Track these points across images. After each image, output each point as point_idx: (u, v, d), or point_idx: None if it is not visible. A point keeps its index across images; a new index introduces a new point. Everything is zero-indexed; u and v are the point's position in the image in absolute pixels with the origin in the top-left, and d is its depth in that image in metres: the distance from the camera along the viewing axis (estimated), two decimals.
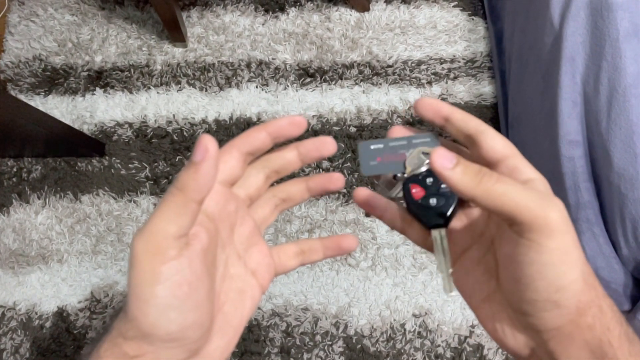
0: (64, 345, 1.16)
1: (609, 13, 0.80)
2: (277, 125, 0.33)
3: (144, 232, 0.27)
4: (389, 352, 1.11)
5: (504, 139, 0.31)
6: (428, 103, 0.33)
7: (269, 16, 1.39)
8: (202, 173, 0.28)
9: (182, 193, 0.27)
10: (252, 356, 1.12)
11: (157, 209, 0.28)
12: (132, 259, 0.27)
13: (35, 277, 1.21)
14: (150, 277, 0.27)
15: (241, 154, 0.33)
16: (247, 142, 0.33)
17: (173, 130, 1.30)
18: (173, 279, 0.27)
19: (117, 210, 1.25)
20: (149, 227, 0.27)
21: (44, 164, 1.29)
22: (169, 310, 0.27)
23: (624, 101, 0.76)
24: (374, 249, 1.18)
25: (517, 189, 0.27)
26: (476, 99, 1.28)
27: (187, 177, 0.28)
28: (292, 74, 1.33)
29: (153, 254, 0.27)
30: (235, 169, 0.33)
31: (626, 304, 0.79)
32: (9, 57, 1.40)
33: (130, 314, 0.27)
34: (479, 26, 1.35)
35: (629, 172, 0.75)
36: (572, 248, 0.27)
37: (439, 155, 0.29)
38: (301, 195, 0.37)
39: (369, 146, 0.34)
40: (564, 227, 0.27)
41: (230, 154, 0.33)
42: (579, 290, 0.28)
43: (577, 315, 0.28)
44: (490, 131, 0.31)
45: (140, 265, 0.27)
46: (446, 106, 0.33)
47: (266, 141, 0.33)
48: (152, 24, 1.40)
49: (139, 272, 0.27)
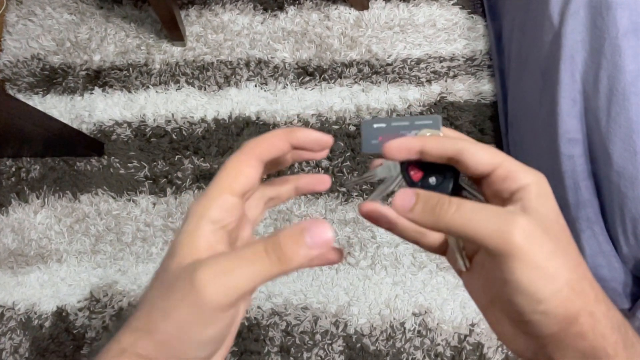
0: (63, 345, 1.16)
1: (608, 11, 0.80)
2: (302, 140, 0.32)
3: (220, 283, 0.26)
4: (389, 351, 1.11)
5: (487, 149, 0.30)
6: (396, 146, 0.31)
7: (267, 15, 1.39)
8: (310, 259, 0.27)
9: (282, 266, 0.27)
10: (251, 355, 1.12)
11: (246, 265, 0.26)
12: (192, 298, 0.26)
13: (34, 276, 1.21)
14: (203, 320, 0.26)
15: (261, 163, 0.32)
16: (269, 151, 0.31)
17: (172, 129, 1.30)
18: (223, 323, 0.28)
19: (116, 210, 1.25)
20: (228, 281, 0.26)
21: (42, 163, 1.29)
22: (207, 345, 0.28)
23: (624, 99, 0.76)
24: (374, 247, 1.18)
25: (476, 216, 0.27)
26: (476, 97, 1.28)
27: (294, 255, 0.27)
28: (291, 72, 1.33)
29: (220, 304, 0.26)
30: (256, 181, 0.31)
31: (626, 302, 0.79)
32: (7, 56, 1.40)
33: (161, 338, 0.26)
34: (479, 24, 1.35)
35: (628, 170, 0.75)
36: (546, 262, 0.27)
37: (398, 198, 0.30)
38: (289, 194, 0.37)
39: (372, 125, 0.35)
40: (530, 247, 0.27)
41: (252, 166, 0.31)
42: (565, 299, 0.27)
43: (567, 324, 0.27)
44: (470, 147, 0.30)
45: (197, 308, 0.26)
46: (415, 141, 0.31)
47: (286, 150, 0.32)
48: (150, 22, 1.40)
49: (193, 313, 0.26)
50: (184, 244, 0.28)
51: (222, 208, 0.29)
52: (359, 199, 1.21)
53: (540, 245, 0.27)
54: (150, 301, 0.28)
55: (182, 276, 0.27)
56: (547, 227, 0.28)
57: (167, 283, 0.27)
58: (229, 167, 0.30)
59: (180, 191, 1.25)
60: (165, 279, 0.28)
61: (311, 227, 0.26)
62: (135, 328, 0.27)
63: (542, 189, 0.29)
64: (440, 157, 0.31)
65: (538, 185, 0.29)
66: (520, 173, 0.29)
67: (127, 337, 0.27)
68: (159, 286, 0.28)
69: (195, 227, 0.29)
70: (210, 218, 0.29)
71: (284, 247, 0.26)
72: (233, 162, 0.31)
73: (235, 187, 0.30)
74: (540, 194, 0.29)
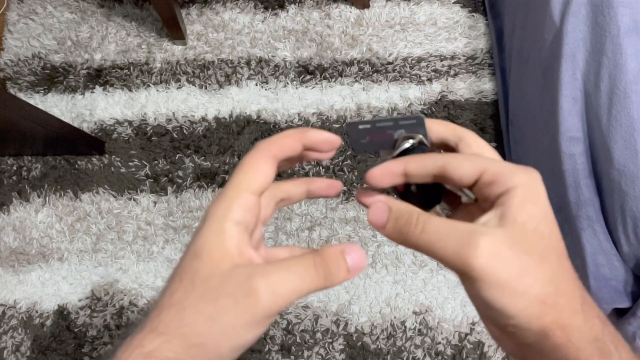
0: (65, 344, 1.16)
1: (609, 9, 0.79)
2: (314, 140, 0.32)
3: (278, 293, 0.27)
4: (390, 350, 1.11)
5: (469, 159, 0.30)
6: (377, 174, 0.31)
7: (268, 13, 1.39)
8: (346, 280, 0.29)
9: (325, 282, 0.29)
10: (252, 354, 1.12)
11: (300, 278, 0.28)
12: (248, 304, 0.27)
13: (35, 275, 1.21)
14: (251, 325, 0.27)
15: (277, 161, 0.32)
16: (283, 150, 0.32)
17: (173, 128, 1.30)
18: (264, 328, 0.28)
19: (117, 209, 1.25)
20: (285, 292, 0.27)
21: (43, 162, 1.29)
22: (241, 349, 0.28)
23: (625, 98, 0.76)
24: (374, 246, 1.18)
25: (439, 237, 0.28)
26: (476, 95, 1.28)
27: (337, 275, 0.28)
28: (291, 71, 1.33)
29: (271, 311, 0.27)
30: (270, 179, 0.31)
31: (627, 301, 0.79)
32: (8, 55, 1.40)
33: (198, 340, 0.27)
34: (479, 23, 1.35)
35: (629, 169, 0.75)
36: (513, 280, 0.27)
37: (372, 213, 0.31)
38: (300, 196, 0.37)
39: (357, 126, 0.35)
40: (493, 268, 0.26)
41: (268, 164, 0.31)
42: (534, 315, 0.27)
43: (542, 337, 0.27)
44: (451, 162, 0.30)
45: (250, 314, 0.27)
46: (396, 165, 0.31)
47: (298, 150, 0.33)
48: (151, 21, 1.40)
49: (244, 317, 0.27)
50: (212, 247, 0.28)
51: (243, 208, 0.29)
52: None
53: (504, 264, 0.27)
54: (180, 305, 0.28)
55: (232, 282, 0.27)
56: (518, 240, 0.27)
57: (206, 287, 0.27)
58: (246, 166, 0.30)
59: (181, 190, 1.25)
60: (201, 283, 0.28)
61: (351, 251, 0.29)
62: (161, 332, 0.27)
63: (528, 192, 0.28)
64: (425, 177, 0.31)
65: (524, 187, 0.28)
66: (506, 177, 0.28)
67: (151, 341, 0.27)
68: (192, 290, 0.28)
69: (220, 230, 0.29)
70: (234, 219, 0.29)
71: (330, 267, 0.28)
72: (250, 161, 0.31)
73: (253, 186, 0.30)
74: (524, 198, 0.28)
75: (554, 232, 0.28)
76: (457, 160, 0.30)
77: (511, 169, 0.29)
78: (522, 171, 0.29)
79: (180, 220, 1.23)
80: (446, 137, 0.33)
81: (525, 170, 0.29)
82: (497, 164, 0.29)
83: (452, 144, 0.33)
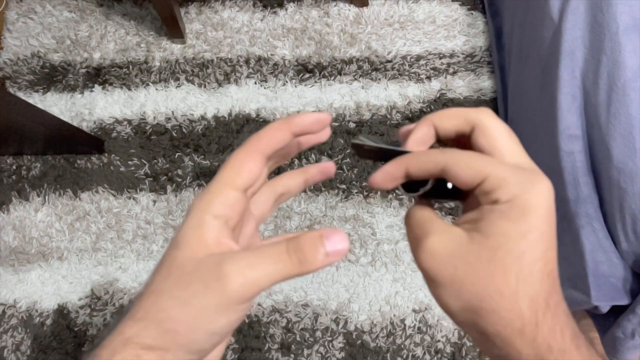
0: (65, 343, 1.16)
1: (608, 7, 0.79)
2: (301, 125, 0.32)
3: (247, 277, 0.27)
4: (389, 348, 1.11)
5: (471, 163, 0.29)
6: (380, 179, 0.32)
7: (267, 12, 1.39)
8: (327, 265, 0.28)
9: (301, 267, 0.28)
10: (252, 352, 1.13)
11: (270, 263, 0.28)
12: (217, 288, 0.27)
13: (35, 274, 1.21)
14: (221, 309, 0.27)
15: (264, 158, 0.32)
16: (270, 144, 0.31)
17: (172, 126, 1.30)
18: (238, 315, 0.28)
19: (116, 208, 1.25)
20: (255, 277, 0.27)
21: (43, 161, 1.29)
22: (215, 336, 0.28)
23: (624, 95, 0.76)
24: (374, 244, 1.18)
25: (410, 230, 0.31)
26: (475, 93, 1.28)
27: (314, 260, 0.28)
28: (290, 69, 1.33)
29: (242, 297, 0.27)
30: (258, 176, 0.31)
31: (626, 299, 0.79)
32: (7, 54, 1.40)
33: (172, 326, 0.27)
34: (478, 21, 1.35)
35: (628, 166, 0.75)
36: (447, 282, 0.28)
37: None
38: (299, 187, 0.38)
39: (362, 147, 0.35)
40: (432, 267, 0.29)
41: (254, 160, 0.31)
42: (472, 320, 0.28)
43: (483, 339, 0.29)
44: (454, 164, 0.29)
45: (220, 297, 0.27)
46: (396, 168, 0.31)
47: (288, 140, 0.32)
48: (150, 20, 1.40)
49: (214, 301, 0.27)
50: (191, 237, 0.29)
51: (224, 203, 0.29)
52: (358, 196, 1.21)
53: (443, 266, 0.28)
54: (158, 291, 0.28)
55: (204, 267, 0.27)
56: (471, 250, 0.28)
57: (180, 274, 0.28)
58: (231, 163, 0.31)
59: (180, 189, 1.25)
60: (177, 271, 0.28)
61: (330, 235, 0.28)
62: (139, 318, 0.28)
63: (513, 209, 0.27)
64: (427, 176, 0.31)
65: (511, 204, 0.27)
66: (502, 190, 0.28)
67: (130, 327, 0.27)
68: (168, 277, 0.28)
69: (200, 222, 0.29)
70: (213, 213, 0.29)
71: (304, 251, 0.28)
72: (235, 158, 0.31)
73: (237, 182, 0.30)
74: (504, 214, 0.27)
75: (528, 252, 0.27)
76: (459, 164, 0.29)
77: (515, 179, 0.28)
78: (525, 183, 0.28)
79: (180, 219, 1.23)
80: (458, 128, 0.32)
81: (529, 182, 0.28)
82: (502, 170, 0.28)
83: (465, 131, 0.32)
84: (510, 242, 0.27)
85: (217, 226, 0.29)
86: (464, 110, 0.32)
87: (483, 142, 0.31)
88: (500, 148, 0.30)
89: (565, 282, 0.87)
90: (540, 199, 0.27)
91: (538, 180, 0.28)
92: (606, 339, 0.85)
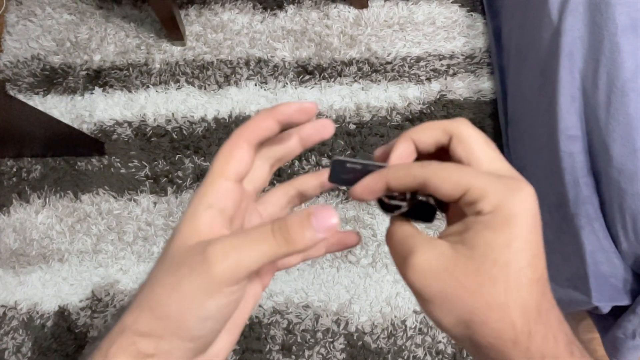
0: (65, 345, 1.16)
1: (607, 8, 0.80)
2: (286, 113, 0.32)
3: (230, 259, 0.27)
4: (390, 349, 1.11)
5: (451, 175, 0.29)
6: (360, 191, 0.31)
7: (267, 14, 1.39)
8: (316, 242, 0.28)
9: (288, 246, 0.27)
10: (253, 354, 1.13)
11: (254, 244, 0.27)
12: (202, 270, 0.27)
13: (36, 276, 1.21)
14: (208, 292, 0.27)
15: (251, 146, 0.32)
16: (256, 133, 0.32)
17: (172, 129, 1.30)
18: (227, 299, 0.28)
19: (117, 209, 1.25)
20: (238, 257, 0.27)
21: (43, 163, 1.29)
22: (207, 321, 0.28)
23: (623, 96, 0.76)
24: (374, 245, 1.18)
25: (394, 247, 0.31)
26: (475, 95, 1.28)
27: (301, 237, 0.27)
28: (290, 71, 1.33)
29: (227, 279, 0.27)
30: (247, 164, 0.32)
31: (626, 299, 0.79)
32: (7, 56, 1.40)
33: (163, 312, 0.27)
34: (478, 22, 1.35)
35: (628, 167, 0.75)
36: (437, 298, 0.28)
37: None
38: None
39: (344, 164, 0.33)
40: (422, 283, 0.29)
41: (241, 148, 0.31)
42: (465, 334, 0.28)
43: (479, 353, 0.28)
44: (434, 177, 0.29)
45: (205, 279, 0.27)
46: (376, 182, 0.31)
47: (275, 129, 0.32)
48: (150, 22, 1.40)
49: (200, 284, 0.27)
50: (184, 227, 0.29)
51: (216, 193, 0.30)
52: None
53: (432, 281, 0.28)
54: (153, 280, 0.29)
55: (192, 253, 0.28)
56: (457, 263, 0.27)
57: (172, 261, 0.28)
58: (220, 154, 0.31)
59: (181, 190, 1.26)
60: (169, 259, 0.29)
61: (317, 212, 0.27)
62: (135, 307, 0.28)
63: (497, 219, 0.27)
64: (407, 189, 0.31)
65: (495, 214, 0.27)
66: (484, 201, 0.27)
67: (127, 317, 0.28)
68: (161, 267, 0.29)
69: (193, 212, 0.30)
70: (206, 203, 0.30)
71: (290, 229, 0.27)
72: (223, 149, 0.32)
73: (227, 172, 0.31)
74: (488, 225, 0.27)
75: (513, 261, 0.27)
76: (439, 177, 0.29)
77: (495, 189, 0.27)
78: (506, 191, 0.27)
79: None
80: (437, 140, 0.32)
81: (510, 190, 0.28)
82: (483, 181, 0.28)
83: (444, 142, 0.32)
84: (495, 252, 0.27)
85: (210, 215, 0.29)
86: (441, 121, 0.32)
87: (460, 151, 0.30)
88: (478, 155, 0.30)
89: (565, 282, 0.87)
90: (523, 205, 0.27)
91: (519, 188, 0.28)
92: (607, 339, 0.85)
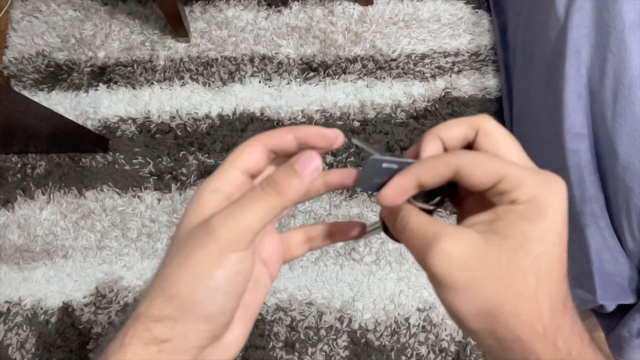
0: (70, 341, 1.17)
1: (614, 5, 0.79)
2: (306, 133, 0.32)
3: (230, 222, 0.27)
4: (394, 346, 1.11)
5: (486, 163, 0.28)
6: (390, 194, 0.30)
7: (271, 10, 1.39)
8: (304, 186, 0.28)
9: (280, 197, 0.28)
10: (256, 350, 1.13)
11: (249, 203, 0.28)
12: (207, 239, 0.27)
13: (40, 272, 1.22)
14: (214, 260, 0.27)
15: (266, 149, 0.32)
16: (273, 139, 0.32)
17: (176, 125, 1.30)
18: (234, 267, 0.28)
19: (121, 206, 1.25)
20: (237, 219, 0.28)
21: (48, 159, 1.30)
22: (217, 294, 0.28)
23: (630, 93, 0.76)
24: (378, 243, 1.18)
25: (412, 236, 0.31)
26: (480, 92, 1.28)
27: (289, 185, 0.28)
28: (295, 68, 1.33)
29: (231, 243, 0.27)
30: (259, 162, 0.32)
31: (631, 297, 0.79)
32: (12, 53, 1.40)
33: (174, 291, 0.27)
34: (483, 19, 1.35)
35: (634, 165, 0.75)
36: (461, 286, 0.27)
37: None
38: (317, 191, 0.36)
39: (380, 163, 0.31)
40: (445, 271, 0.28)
41: (255, 146, 0.32)
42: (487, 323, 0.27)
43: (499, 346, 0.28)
44: (467, 164, 0.28)
45: (210, 247, 0.27)
46: (407, 180, 0.30)
47: (292, 144, 0.32)
48: (154, 19, 1.40)
49: (206, 253, 0.27)
50: (190, 210, 0.30)
51: (222, 179, 0.31)
52: (362, 194, 1.21)
53: (457, 269, 0.27)
54: (161, 265, 0.29)
55: (196, 229, 0.28)
56: (488, 252, 0.27)
57: (179, 243, 0.29)
58: (235, 150, 0.32)
59: (185, 187, 1.26)
60: (177, 242, 0.29)
61: (299, 158, 0.28)
62: (148, 293, 0.29)
63: (531, 210, 0.27)
64: (440, 183, 0.30)
65: (529, 204, 0.27)
66: (520, 191, 0.27)
67: (142, 304, 0.28)
68: (170, 250, 0.30)
69: (199, 197, 0.30)
70: (211, 188, 0.30)
71: (279, 182, 0.28)
72: (238, 146, 0.32)
73: (237, 163, 0.31)
74: (522, 215, 0.27)
75: (546, 253, 0.27)
76: (474, 165, 0.28)
77: (533, 180, 0.27)
78: (542, 183, 0.27)
79: None
80: (464, 136, 0.31)
81: (545, 183, 0.28)
82: (519, 170, 0.28)
83: (471, 137, 0.31)
84: (530, 243, 0.27)
85: (215, 199, 0.30)
86: (465, 118, 0.32)
87: (488, 145, 0.30)
88: (505, 149, 0.30)
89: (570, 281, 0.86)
90: (558, 199, 0.28)
91: (554, 181, 0.28)
92: (611, 338, 0.85)
